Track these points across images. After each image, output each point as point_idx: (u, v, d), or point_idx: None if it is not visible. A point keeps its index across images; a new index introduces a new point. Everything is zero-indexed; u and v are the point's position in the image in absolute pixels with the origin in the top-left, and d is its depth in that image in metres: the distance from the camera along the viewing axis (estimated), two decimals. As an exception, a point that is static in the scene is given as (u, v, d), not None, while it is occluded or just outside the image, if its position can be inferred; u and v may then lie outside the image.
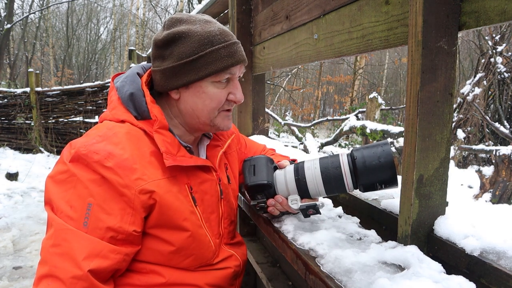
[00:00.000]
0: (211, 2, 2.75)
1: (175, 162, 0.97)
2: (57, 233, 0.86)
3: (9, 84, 14.69)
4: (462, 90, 7.03)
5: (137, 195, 0.90)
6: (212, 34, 0.99)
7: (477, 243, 0.77)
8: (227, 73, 1.02)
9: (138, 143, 0.96)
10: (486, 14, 0.75)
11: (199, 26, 1.01)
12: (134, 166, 0.92)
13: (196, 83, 1.02)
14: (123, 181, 0.89)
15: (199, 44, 0.98)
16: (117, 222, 0.89)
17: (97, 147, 0.91)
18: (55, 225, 0.87)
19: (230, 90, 1.05)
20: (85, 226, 0.86)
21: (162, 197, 0.94)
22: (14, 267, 3.48)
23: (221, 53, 0.99)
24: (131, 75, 1.07)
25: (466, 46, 14.38)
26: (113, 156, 0.90)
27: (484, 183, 4.63)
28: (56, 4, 22.18)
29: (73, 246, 0.84)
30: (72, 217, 0.87)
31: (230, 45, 1.01)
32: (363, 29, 1.13)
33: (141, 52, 15.20)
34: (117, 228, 0.89)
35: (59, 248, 0.85)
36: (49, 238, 0.87)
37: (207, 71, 0.99)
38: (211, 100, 1.03)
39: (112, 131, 0.96)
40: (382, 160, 0.91)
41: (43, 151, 8.96)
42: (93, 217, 0.87)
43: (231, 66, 1.01)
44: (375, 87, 19.16)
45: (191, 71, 1.00)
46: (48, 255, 0.85)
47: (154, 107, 1.02)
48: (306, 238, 0.96)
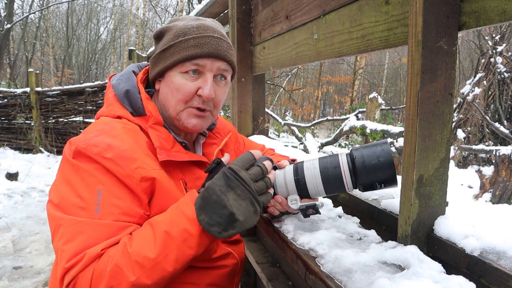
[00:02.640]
0: (211, 2, 2.75)
1: (168, 157, 0.98)
2: (68, 229, 0.85)
3: (9, 84, 14.69)
4: (462, 90, 7.03)
5: (138, 183, 0.91)
6: (188, 27, 1.02)
7: (477, 243, 0.77)
8: (193, 63, 1.01)
9: (135, 137, 0.97)
10: (486, 14, 0.75)
11: (184, 22, 1.04)
12: (134, 156, 0.92)
13: (167, 72, 1.04)
14: (124, 171, 0.90)
15: (174, 35, 1.02)
16: (128, 204, 0.89)
17: (95, 140, 0.92)
18: (63, 223, 0.86)
19: (199, 85, 1.03)
20: (98, 213, 0.86)
21: (162, 184, 0.95)
22: (14, 267, 3.48)
23: (189, 43, 1.00)
24: (127, 73, 1.10)
25: (466, 46, 14.38)
26: (112, 148, 0.91)
27: (484, 183, 4.63)
28: (56, 4, 22.18)
29: (91, 235, 0.84)
30: (84, 206, 0.86)
31: (202, 37, 1.01)
32: (363, 29, 1.13)
33: (141, 52, 15.20)
34: (130, 211, 0.89)
35: (75, 242, 0.83)
36: (60, 238, 0.85)
37: (172, 59, 1.01)
38: (177, 91, 1.02)
39: (109, 125, 0.97)
40: (381, 159, 0.90)
41: (43, 151, 8.95)
42: (105, 201, 0.87)
43: (197, 57, 1.00)
44: (375, 87, 19.17)
45: (162, 60, 1.04)
46: (64, 251, 0.83)
47: (149, 104, 1.04)
48: (306, 238, 0.96)
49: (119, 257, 0.81)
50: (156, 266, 0.82)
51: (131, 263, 0.80)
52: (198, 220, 0.84)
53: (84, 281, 0.80)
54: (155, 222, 0.87)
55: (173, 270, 0.84)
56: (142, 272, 0.80)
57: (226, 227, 0.84)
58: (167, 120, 1.09)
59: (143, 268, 0.81)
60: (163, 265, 0.82)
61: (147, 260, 0.81)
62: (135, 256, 0.81)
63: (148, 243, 0.83)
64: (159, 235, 0.83)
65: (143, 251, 0.81)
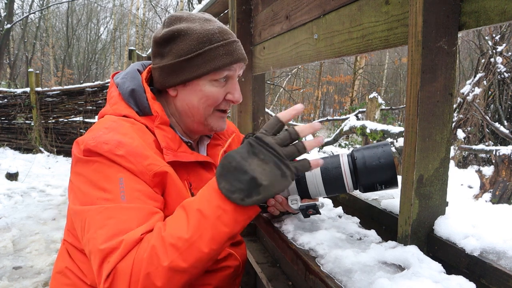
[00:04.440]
0: (211, 2, 2.75)
1: (175, 157, 0.97)
2: (96, 218, 0.82)
3: (9, 84, 14.70)
4: (462, 90, 7.03)
5: (151, 179, 0.91)
6: (211, 32, 0.99)
7: (477, 243, 0.77)
8: (225, 71, 1.02)
9: (143, 136, 0.97)
10: (486, 14, 0.75)
11: (198, 24, 1.01)
12: (145, 152, 0.91)
13: (194, 81, 1.02)
14: (136, 168, 0.89)
15: (197, 42, 0.99)
16: (150, 190, 0.89)
17: (105, 137, 0.91)
18: (90, 214, 0.83)
19: (228, 90, 1.05)
20: (124, 199, 0.85)
21: (173, 179, 0.95)
22: (14, 267, 3.48)
23: (219, 51, 0.99)
24: (132, 72, 1.08)
25: (466, 46, 14.38)
26: (123, 144, 0.90)
27: (484, 183, 4.63)
28: (56, 4, 22.18)
29: (122, 219, 0.82)
30: (108, 198, 0.85)
31: (229, 43, 1.01)
32: (363, 29, 1.13)
33: (141, 52, 15.19)
34: (153, 195, 0.89)
35: (107, 228, 0.80)
36: (88, 230, 0.82)
37: (205, 69, 0.99)
38: (207, 98, 1.03)
39: (117, 123, 0.96)
40: (382, 160, 0.90)
41: (43, 151, 8.95)
42: (128, 188, 0.86)
43: (229, 65, 1.01)
44: (375, 87, 19.16)
45: (189, 68, 1.00)
46: (96, 238, 0.80)
47: (155, 103, 1.03)
48: (306, 238, 0.96)
49: (154, 241, 0.78)
50: (191, 247, 0.78)
51: (165, 246, 0.77)
52: (218, 188, 0.80)
53: (125, 272, 0.76)
54: (187, 203, 0.84)
55: (209, 251, 0.80)
56: (177, 254, 0.77)
57: (249, 193, 0.78)
58: (182, 123, 1.09)
59: (178, 250, 0.77)
60: (198, 245, 0.78)
61: (181, 241, 0.77)
62: (169, 238, 0.78)
63: (181, 224, 0.80)
64: (192, 214, 0.80)
65: (177, 232, 0.78)
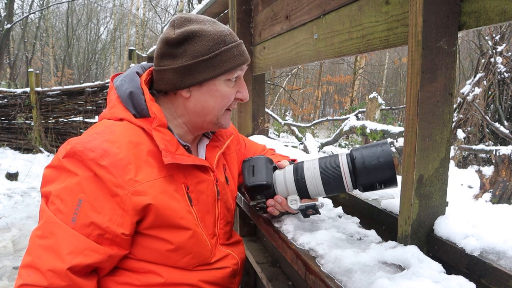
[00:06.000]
0: (211, 2, 2.75)
1: (174, 160, 0.97)
2: (45, 225, 0.88)
3: (9, 84, 14.70)
4: (462, 90, 7.03)
5: (129, 196, 0.90)
6: (223, 34, 1.03)
7: (477, 243, 0.77)
8: (237, 71, 1.06)
9: (135, 142, 0.96)
10: (486, 14, 0.75)
11: (209, 26, 1.03)
12: (129, 166, 0.92)
13: (210, 81, 1.03)
14: (116, 180, 0.89)
15: (213, 42, 1.01)
16: (105, 221, 0.89)
17: (93, 144, 0.92)
18: (45, 217, 0.89)
19: (238, 89, 1.09)
20: (73, 222, 0.88)
21: (157, 198, 0.94)
22: (14, 267, 3.48)
23: (233, 51, 1.03)
24: (130, 74, 1.08)
25: (466, 46, 14.38)
26: (108, 155, 0.90)
27: (484, 183, 4.63)
28: (56, 4, 22.18)
29: (59, 241, 0.86)
30: (62, 211, 0.88)
31: (239, 44, 1.06)
32: (363, 29, 1.13)
33: (141, 52, 15.20)
34: (105, 228, 0.89)
35: (45, 241, 0.87)
36: (38, 229, 0.90)
37: (222, 69, 1.02)
38: (223, 98, 1.06)
39: (109, 129, 0.97)
40: (381, 160, 0.90)
41: (43, 151, 8.96)
42: (82, 213, 0.88)
43: (241, 64, 1.05)
44: (375, 87, 19.17)
45: (207, 69, 1.01)
46: (34, 246, 0.88)
47: (153, 105, 1.02)
48: (306, 238, 0.96)
49: None
50: None
51: None
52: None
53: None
54: None
55: None
56: None
57: None
58: (191, 124, 1.10)
59: None
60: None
61: None
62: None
63: None
64: None
65: None
